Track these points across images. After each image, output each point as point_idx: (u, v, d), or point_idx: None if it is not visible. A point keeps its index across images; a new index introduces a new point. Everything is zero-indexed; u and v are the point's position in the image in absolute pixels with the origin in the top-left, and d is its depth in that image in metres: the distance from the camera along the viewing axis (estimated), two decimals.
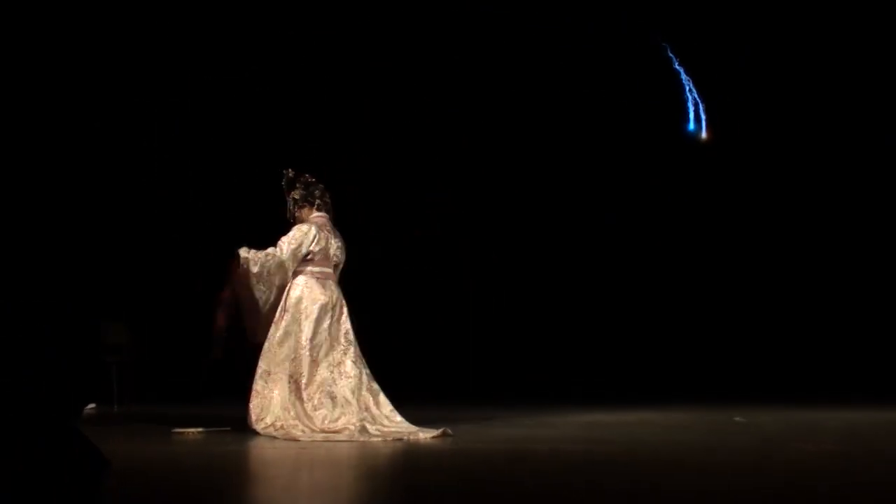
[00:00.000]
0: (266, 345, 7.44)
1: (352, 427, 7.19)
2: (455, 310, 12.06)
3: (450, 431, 7.23)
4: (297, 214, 7.69)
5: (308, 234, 7.49)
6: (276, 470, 6.20)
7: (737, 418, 8.36)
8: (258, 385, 7.40)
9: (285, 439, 7.16)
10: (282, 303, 7.48)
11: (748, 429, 7.81)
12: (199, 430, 7.56)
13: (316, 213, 7.66)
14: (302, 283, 7.48)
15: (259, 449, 6.92)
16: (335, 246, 7.58)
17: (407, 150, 11.82)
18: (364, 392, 7.43)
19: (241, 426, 7.55)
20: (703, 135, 12.32)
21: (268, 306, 7.54)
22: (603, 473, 5.61)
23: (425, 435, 7.13)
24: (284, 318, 7.44)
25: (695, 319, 12.13)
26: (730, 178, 12.29)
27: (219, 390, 8.53)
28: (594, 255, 12.29)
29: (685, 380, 11.55)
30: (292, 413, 7.29)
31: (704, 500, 4.76)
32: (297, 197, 7.66)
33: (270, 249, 7.47)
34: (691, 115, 12.21)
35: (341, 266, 7.70)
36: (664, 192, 12.30)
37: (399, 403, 7.74)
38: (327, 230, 7.59)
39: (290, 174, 7.69)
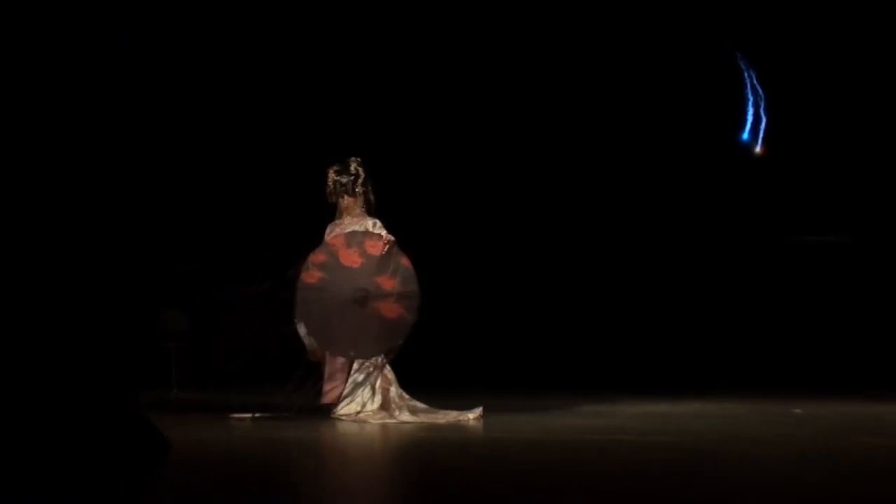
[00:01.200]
0: None
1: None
2: (512, 300, 12.02)
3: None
4: (346, 203, 7.76)
5: None
6: (332, 455, 6.25)
7: (796, 410, 8.28)
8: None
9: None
10: None
11: (807, 421, 7.73)
12: (257, 415, 7.61)
13: (360, 210, 7.79)
14: None
15: (315, 434, 6.97)
16: None
17: (443, 149, 11.75)
18: None
19: (298, 412, 7.62)
20: (758, 149, 11.81)
21: None
22: (658, 463, 5.59)
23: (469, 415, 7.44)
24: None
25: (754, 310, 12.01)
26: (784, 177, 12.01)
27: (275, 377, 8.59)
28: (649, 246, 12.18)
29: (743, 371, 11.45)
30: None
31: (759, 489, 4.72)
32: (363, 192, 7.76)
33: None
34: (749, 120, 11.69)
35: None
36: (717, 192, 12.04)
37: (453, 393, 7.82)
38: None
39: (364, 168, 7.80)
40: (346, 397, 7.51)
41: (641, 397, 9.35)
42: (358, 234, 7.64)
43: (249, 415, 7.59)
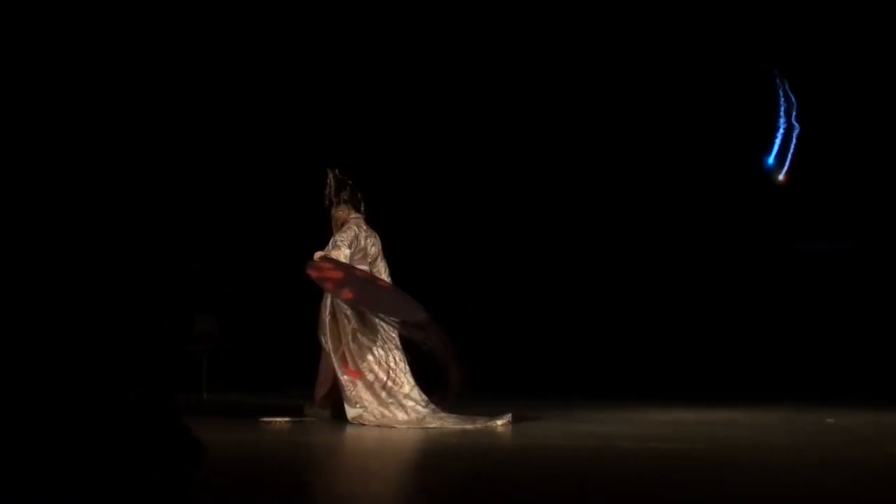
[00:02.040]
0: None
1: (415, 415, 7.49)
2: (540, 306, 12.01)
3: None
4: (337, 213, 8.07)
5: (358, 236, 7.94)
6: (361, 460, 6.27)
7: (828, 420, 8.22)
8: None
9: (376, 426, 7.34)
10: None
11: (832, 429, 7.68)
12: (287, 419, 7.66)
13: (354, 214, 8.06)
14: None
15: (345, 439, 7.00)
16: (370, 244, 7.99)
17: (448, 158, 11.74)
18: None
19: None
20: (781, 177, 11.64)
21: None
22: (685, 470, 5.58)
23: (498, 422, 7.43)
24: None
25: (785, 318, 11.96)
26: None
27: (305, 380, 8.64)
28: (678, 255, 12.14)
29: (774, 379, 11.40)
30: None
31: (781, 496, 4.71)
32: (346, 198, 8.06)
33: (334, 251, 7.86)
34: (777, 142, 11.50)
35: (379, 256, 8.04)
36: (741, 203, 11.95)
37: (481, 399, 7.83)
38: (364, 230, 7.99)
39: (339, 175, 8.10)
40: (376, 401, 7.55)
41: (672, 405, 9.31)
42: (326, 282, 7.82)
43: (279, 418, 7.64)
